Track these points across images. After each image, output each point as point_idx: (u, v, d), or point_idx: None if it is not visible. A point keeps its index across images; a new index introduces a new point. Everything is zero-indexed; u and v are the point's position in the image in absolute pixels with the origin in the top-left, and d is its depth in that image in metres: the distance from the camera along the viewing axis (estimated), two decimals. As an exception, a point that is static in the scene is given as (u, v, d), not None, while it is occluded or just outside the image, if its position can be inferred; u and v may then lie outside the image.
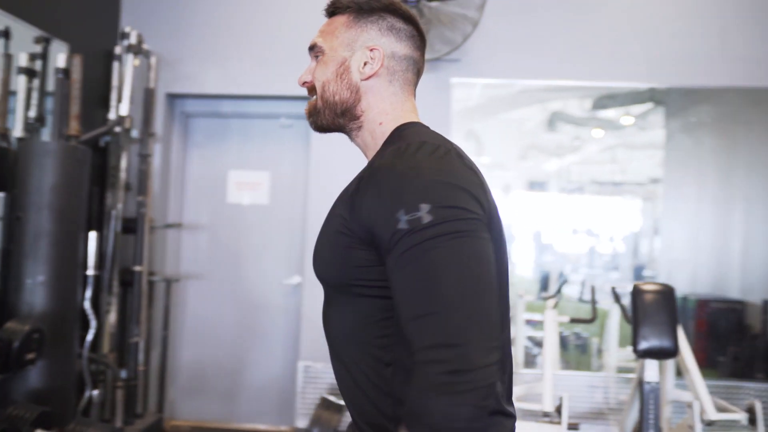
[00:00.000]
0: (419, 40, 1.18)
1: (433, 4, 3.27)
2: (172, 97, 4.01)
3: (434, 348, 0.84)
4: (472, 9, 3.28)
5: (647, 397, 2.70)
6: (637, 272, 5.12)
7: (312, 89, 1.20)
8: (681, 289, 4.05)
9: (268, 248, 4.01)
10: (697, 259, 4.60)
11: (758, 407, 3.16)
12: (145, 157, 3.56)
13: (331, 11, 1.18)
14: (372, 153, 1.16)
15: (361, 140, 1.19)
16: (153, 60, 3.62)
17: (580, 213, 5.37)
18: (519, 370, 3.73)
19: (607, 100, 5.64)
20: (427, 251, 0.87)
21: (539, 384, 3.09)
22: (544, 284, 4.67)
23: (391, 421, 0.98)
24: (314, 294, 3.77)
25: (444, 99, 3.75)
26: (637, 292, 2.88)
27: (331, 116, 1.17)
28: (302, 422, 3.73)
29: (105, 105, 3.64)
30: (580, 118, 5.67)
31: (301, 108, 3.83)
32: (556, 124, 5.68)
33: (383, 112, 1.14)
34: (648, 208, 5.71)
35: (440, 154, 0.97)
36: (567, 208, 5.38)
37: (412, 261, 0.88)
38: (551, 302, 3.78)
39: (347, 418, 3.57)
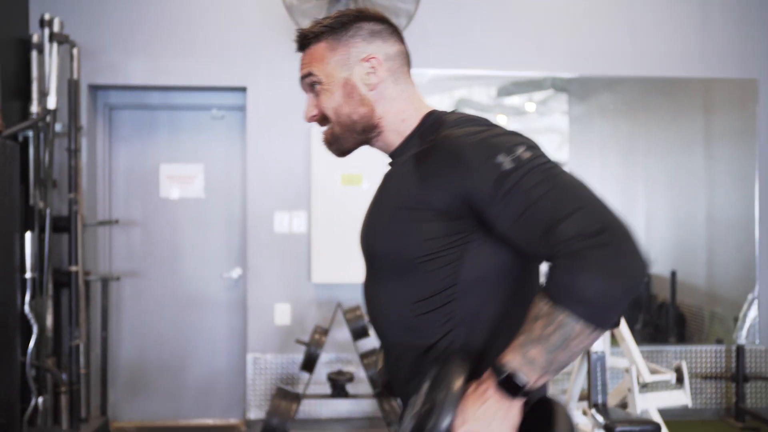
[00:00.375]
0: (397, 32, 1.21)
1: (373, -6, 3.31)
2: (95, 89, 3.80)
3: (602, 230, 0.87)
4: (409, 1, 3.35)
5: (594, 365, 2.89)
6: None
7: (322, 120, 1.20)
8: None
9: (206, 242, 3.91)
10: None
11: (684, 367, 3.49)
12: (73, 152, 3.36)
13: (305, 43, 1.18)
14: (397, 143, 1.19)
15: (383, 142, 1.20)
16: (75, 49, 3.42)
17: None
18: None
19: (511, 87, 5.92)
20: (543, 171, 0.94)
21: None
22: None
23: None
24: (259, 286, 3.73)
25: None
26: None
27: (353, 137, 1.18)
28: (254, 414, 3.70)
29: (21, 97, 3.40)
30: (485, 105, 5.92)
31: (233, 99, 3.83)
32: (462, 110, 5.90)
33: (402, 111, 1.18)
34: None
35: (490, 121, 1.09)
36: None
37: (537, 180, 0.93)
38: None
39: (304, 407, 3.58)
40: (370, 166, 3.70)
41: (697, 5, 4.01)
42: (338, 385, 3.47)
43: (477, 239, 1.03)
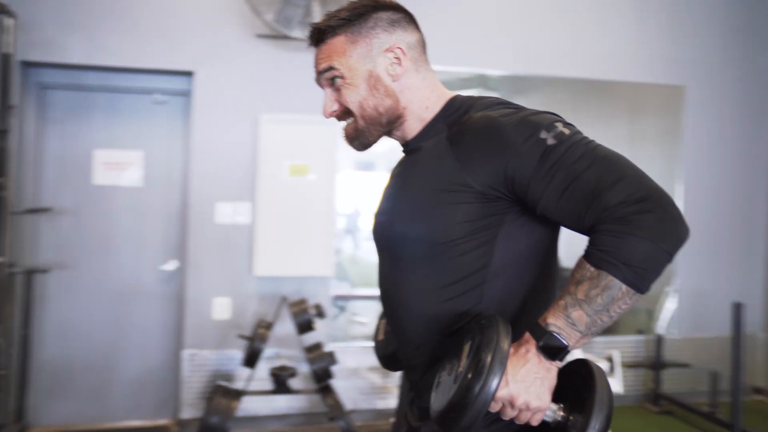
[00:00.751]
0: (414, 20, 1.19)
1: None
2: (26, 66, 3.55)
3: (646, 198, 0.90)
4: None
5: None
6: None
7: (343, 115, 1.17)
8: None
9: (141, 233, 3.70)
10: None
11: (616, 356, 3.59)
12: (3, 134, 3.12)
13: (321, 37, 1.15)
14: (417, 129, 1.17)
15: (402, 131, 1.18)
16: (12, 21, 3.18)
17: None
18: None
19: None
20: (584, 145, 0.97)
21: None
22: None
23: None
24: (198, 279, 3.56)
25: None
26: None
27: (378, 129, 1.16)
28: (188, 413, 3.51)
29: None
30: None
31: (177, 83, 3.67)
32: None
33: (425, 98, 1.16)
34: None
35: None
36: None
37: (580, 155, 0.95)
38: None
39: (245, 404, 3.42)
40: (317, 157, 3.65)
41: (633, 11, 4.17)
42: (281, 381, 3.34)
43: (509, 221, 1.03)
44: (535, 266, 1.07)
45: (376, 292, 1.23)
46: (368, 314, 4.60)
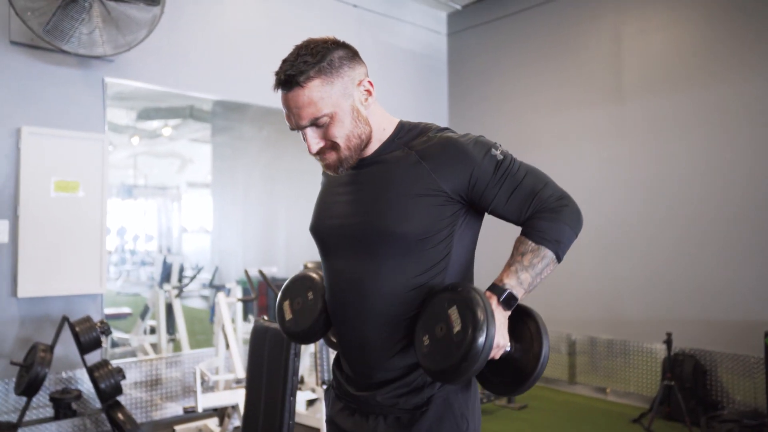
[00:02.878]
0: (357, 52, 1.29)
1: (116, 4, 3.16)
2: None
3: (557, 198, 1.21)
4: (151, 14, 3.31)
5: (321, 348, 3.40)
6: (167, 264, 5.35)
7: (325, 149, 1.24)
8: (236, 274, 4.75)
9: None
10: (246, 248, 5.39)
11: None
12: None
13: (294, 82, 1.18)
14: (377, 145, 1.29)
15: (365, 150, 1.29)
16: None
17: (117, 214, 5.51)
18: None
19: (151, 111, 5.97)
20: (516, 163, 1.25)
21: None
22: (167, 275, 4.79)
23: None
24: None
25: (98, 95, 3.56)
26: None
27: (358, 153, 1.27)
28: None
29: None
30: (121, 126, 5.82)
31: None
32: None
33: (381, 122, 1.30)
34: (175, 208, 6.23)
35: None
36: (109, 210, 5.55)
37: (514, 171, 1.23)
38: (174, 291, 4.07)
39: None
40: (87, 174, 3.47)
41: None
42: (63, 404, 3.09)
43: (460, 221, 1.25)
44: (471, 252, 1.31)
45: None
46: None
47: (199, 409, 3.17)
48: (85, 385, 3.38)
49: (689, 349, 4.00)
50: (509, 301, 1.17)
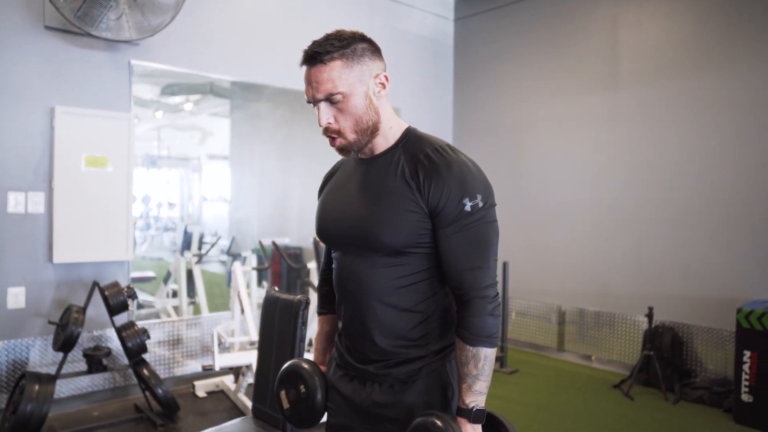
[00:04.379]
0: (380, 50, 1.31)
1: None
2: None
3: (487, 288, 1.23)
4: (174, 0, 3.40)
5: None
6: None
7: (333, 127, 1.27)
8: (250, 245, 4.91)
9: None
10: (261, 219, 5.54)
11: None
12: None
13: (318, 59, 1.23)
14: (383, 148, 1.33)
15: (373, 144, 1.32)
16: None
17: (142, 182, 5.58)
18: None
19: (174, 87, 6.06)
20: (480, 227, 1.23)
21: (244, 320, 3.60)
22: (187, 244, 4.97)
23: (415, 339, 1.31)
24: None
25: (125, 76, 3.68)
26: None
27: (366, 138, 1.29)
28: (-14, 405, 3.18)
29: None
30: (146, 101, 5.93)
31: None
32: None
33: (390, 119, 1.32)
34: (195, 178, 6.36)
35: (466, 155, 1.30)
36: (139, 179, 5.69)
37: (472, 232, 1.22)
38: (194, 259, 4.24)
39: (61, 388, 3.25)
40: (114, 150, 3.60)
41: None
42: (95, 360, 3.30)
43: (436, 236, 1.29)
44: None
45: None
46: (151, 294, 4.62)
47: (216, 368, 3.37)
48: (114, 343, 3.59)
49: (669, 322, 4.15)
50: (478, 417, 1.24)
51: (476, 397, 1.23)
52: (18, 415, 2.89)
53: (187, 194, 6.25)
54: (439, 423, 1.17)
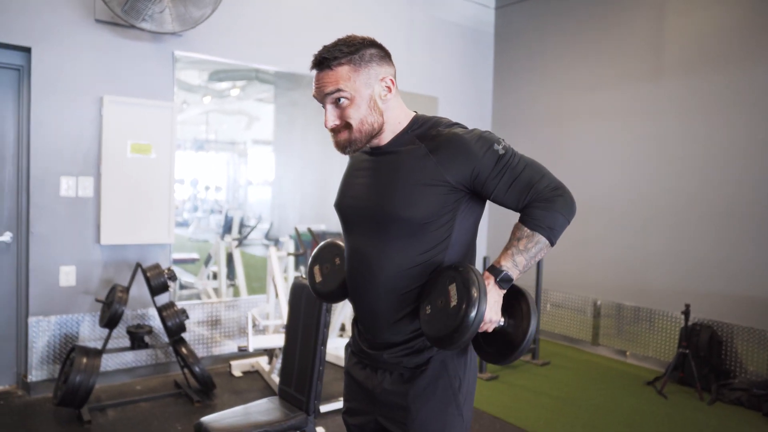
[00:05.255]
0: (390, 55, 1.37)
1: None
2: None
3: (555, 189, 1.27)
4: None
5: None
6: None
7: (339, 127, 1.32)
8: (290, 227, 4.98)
9: (-32, 205, 3.32)
10: (301, 205, 5.61)
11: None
12: None
13: (326, 64, 1.29)
14: (391, 136, 1.37)
15: (378, 139, 1.37)
16: None
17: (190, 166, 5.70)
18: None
19: (221, 73, 6.16)
20: (520, 157, 1.30)
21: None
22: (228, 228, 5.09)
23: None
24: (43, 249, 3.38)
25: (168, 67, 3.78)
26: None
27: (368, 139, 1.34)
28: (36, 376, 3.36)
29: None
30: (194, 86, 6.05)
31: (6, 57, 3.34)
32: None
33: (399, 117, 1.38)
34: (241, 162, 6.47)
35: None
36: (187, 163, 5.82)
37: (517, 162, 1.28)
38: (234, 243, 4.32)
39: (107, 362, 3.41)
40: (157, 137, 3.70)
41: (402, 33, 4.94)
42: (139, 337, 3.43)
43: (462, 207, 1.31)
44: (472, 235, 1.38)
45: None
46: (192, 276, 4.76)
47: (250, 349, 3.45)
48: (156, 322, 3.72)
49: (707, 320, 3.99)
50: (504, 282, 1.25)
51: (511, 266, 1.26)
52: (68, 385, 3.04)
53: (233, 178, 6.39)
54: (461, 268, 1.23)
